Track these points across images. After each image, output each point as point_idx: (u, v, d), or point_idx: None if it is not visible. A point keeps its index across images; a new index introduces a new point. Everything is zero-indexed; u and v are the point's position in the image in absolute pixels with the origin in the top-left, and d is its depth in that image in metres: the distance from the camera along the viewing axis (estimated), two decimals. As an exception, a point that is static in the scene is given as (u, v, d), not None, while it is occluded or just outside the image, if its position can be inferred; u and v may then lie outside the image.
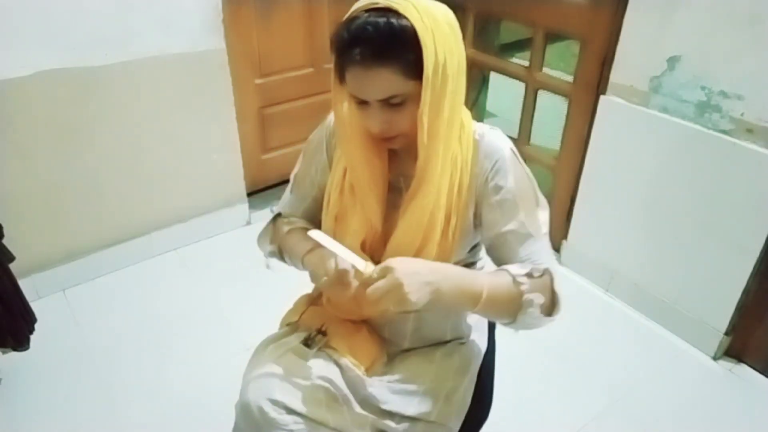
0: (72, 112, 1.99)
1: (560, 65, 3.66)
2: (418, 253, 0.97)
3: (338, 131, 0.99)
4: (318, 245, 0.95)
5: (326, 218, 1.06)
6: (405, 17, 0.83)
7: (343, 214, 1.02)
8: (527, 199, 0.98)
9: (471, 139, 0.98)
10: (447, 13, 0.88)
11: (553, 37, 2.26)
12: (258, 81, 2.51)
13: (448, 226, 0.97)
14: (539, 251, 0.97)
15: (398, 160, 1.02)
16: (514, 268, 0.93)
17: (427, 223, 0.96)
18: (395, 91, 0.86)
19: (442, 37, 0.85)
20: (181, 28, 2.09)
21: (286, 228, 1.12)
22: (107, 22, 1.93)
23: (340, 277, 0.91)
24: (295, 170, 1.17)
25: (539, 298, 0.91)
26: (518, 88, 2.44)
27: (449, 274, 0.89)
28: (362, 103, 0.90)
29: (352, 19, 0.86)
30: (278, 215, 1.19)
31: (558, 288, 0.94)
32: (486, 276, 0.92)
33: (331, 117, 1.08)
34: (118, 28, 1.96)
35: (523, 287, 0.90)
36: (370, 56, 0.83)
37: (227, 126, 2.39)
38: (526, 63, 2.35)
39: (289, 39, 2.52)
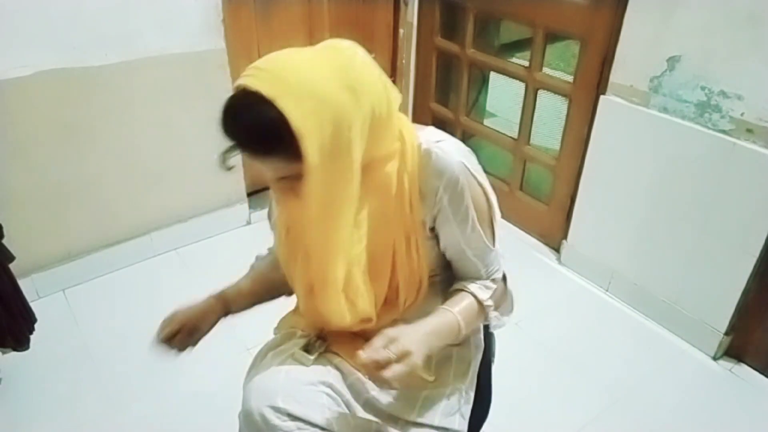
0: (72, 112, 1.98)
1: (560, 65, 3.67)
2: (391, 281, 0.98)
3: None
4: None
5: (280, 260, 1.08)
6: (277, 108, 0.76)
7: (294, 256, 1.03)
8: (483, 213, 0.98)
9: (416, 152, 0.92)
10: (342, 70, 0.81)
11: (553, 37, 2.26)
12: (258, 81, 2.51)
13: (410, 246, 0.97)
14: (494, 260, 1.04)
15: None
16: (480, 293, 1.01)
17: (392, 250, 0.97)
18: (286, 173, 0.85)
19: (332, 109, 0.79)
20: (181, 28, 2.09)
21: (248, 269, 1.19)
22: (107, 22, 1.93)
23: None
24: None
25: (500, 313, 1.05)
26: (518, 88, 2.44)
27: (433, 330, 0.94)
28: None
29: (228, 105, 0.81)
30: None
31: (510, 287, 1.07)
32: (458, 311, 0.98)
33: None
34: (118, 28, 1.96)
35: (489, 309, 1.02)
36: (248, 155, 0.84)
37: (227, 126, 2.39)
38: (526, 63, 2.35)
39: (289, 39, 2.51)
